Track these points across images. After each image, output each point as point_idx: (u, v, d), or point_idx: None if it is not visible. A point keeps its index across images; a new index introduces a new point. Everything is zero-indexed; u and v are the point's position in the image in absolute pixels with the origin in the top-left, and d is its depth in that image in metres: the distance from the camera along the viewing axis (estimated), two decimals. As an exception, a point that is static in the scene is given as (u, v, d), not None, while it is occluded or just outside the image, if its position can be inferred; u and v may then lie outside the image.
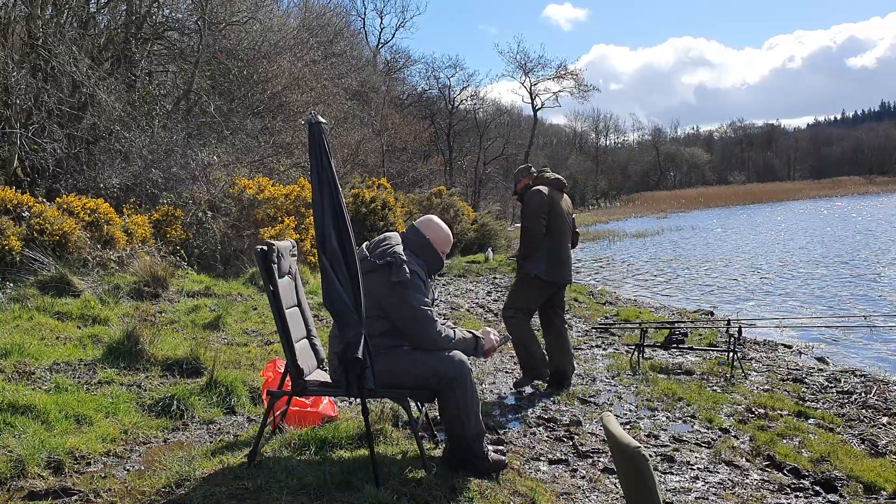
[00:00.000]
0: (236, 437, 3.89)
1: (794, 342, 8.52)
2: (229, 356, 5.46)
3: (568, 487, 3.58)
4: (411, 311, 3.30)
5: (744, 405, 5.33)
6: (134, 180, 11.48)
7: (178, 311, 7.20)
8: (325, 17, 26.82)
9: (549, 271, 5.20)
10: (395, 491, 3.07)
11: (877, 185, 67.07)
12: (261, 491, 3.05)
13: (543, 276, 5.20)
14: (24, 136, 10.71)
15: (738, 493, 3.70)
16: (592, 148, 73.08)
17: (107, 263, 8.45)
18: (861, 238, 22.64)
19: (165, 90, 15.51)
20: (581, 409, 4.95)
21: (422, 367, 3.32)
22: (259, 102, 16.97)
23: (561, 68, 47.82)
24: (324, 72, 20.32)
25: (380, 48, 42.15)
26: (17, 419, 3.64)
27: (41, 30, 11.83)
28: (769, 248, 21.04)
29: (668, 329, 7.33)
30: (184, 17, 15.94)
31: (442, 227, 3.62)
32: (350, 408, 4.47)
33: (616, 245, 25.42)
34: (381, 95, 29.74)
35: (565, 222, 5.28)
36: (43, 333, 5.73)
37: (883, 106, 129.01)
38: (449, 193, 21.78)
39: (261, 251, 3.38)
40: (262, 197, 11.30)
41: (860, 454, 4.46)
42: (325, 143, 3.11)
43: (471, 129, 42.91)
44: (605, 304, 10.97)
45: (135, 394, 4.43)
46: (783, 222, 33.09)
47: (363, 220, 14.95)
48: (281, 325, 3.35)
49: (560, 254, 5.23)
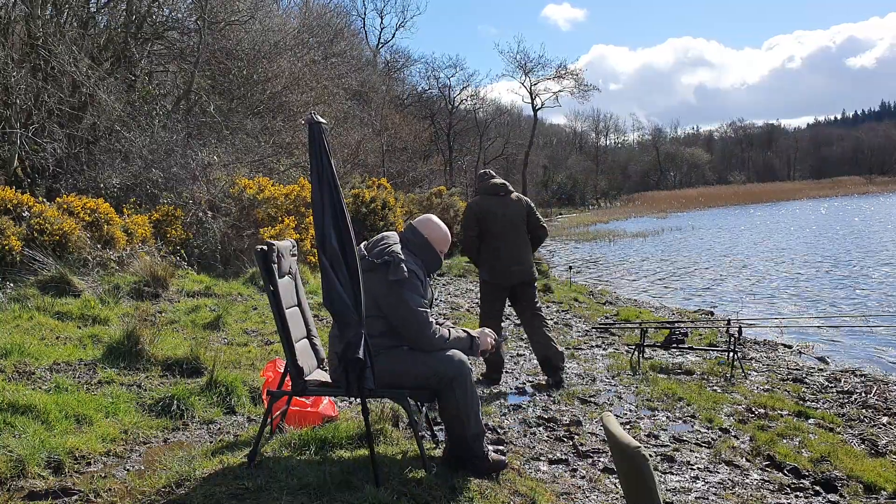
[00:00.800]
0: (236, 437, 3.89)
1: (794, 342, 8.51)
2: (229, 356, 5.46)
3: (568, 487, 3.58)
4: (407, 311, 3.30)
5: (744, 405, 5.33)
6: (134, 180, 11.48)
7: (178, 311, 7.20)
8: (325, 17, 26.82)
9: (492, 274, 5.54)
10: (395, 491, 3.07)
11: (877, 185, 67.10)
12: (261, 491, 3.05)
13: (488, 279, 5.57)
14: (24, 136, 10.71)
15: (738, 493, 3.70)
16: (592, 148, 73.11)
17: (107, 263, 8.45)
18: (861, 238, 22.63)
19: (165, 90, 15.51)
20: (581, 409, 4.95)
21: (422, 367, 3.31)
22: (259, 102, 16.97)
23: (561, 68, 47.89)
24: (324, 72, 20.33)
25: (380, 48, 42.22)
26: (17, 419, 3.64)
27: (41, 30, 11.83)
28: (769, 248, 21.03)
29: (668, 329, 7.33)
30: (184, 16, 15.93)
31: (440, 227, 3.62)
32: (350, 408, 4.47)
33: (616, 245, 25.42)
34: (381, 95, 29.73)
35: (505, 226, 5.51)
36: (43, 333, 5.73)
37: (883, 106, 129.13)
38: (449, 193, 21.78)
39: (261, 251, 3.37)
40: (262, 197, 11.30)
41: (860, 454, 4.46)
42: (325, 142, 3.11)
43: (471, 129, 42.94)
44: (605, 304, 10.97)
45: (135, 394, 4.43)
46: (783, 222, 33.10)
47: (363, 220, 14.95)
48: (281, 325, 3.35)
49: (501, 256, 5.50)
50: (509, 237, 5.53)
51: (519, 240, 5.59)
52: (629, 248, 23.96)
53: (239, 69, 16.34)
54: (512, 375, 5.81)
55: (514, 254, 5.54)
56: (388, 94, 32.42)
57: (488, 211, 5.54)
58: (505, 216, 5.54)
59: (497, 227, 5.51)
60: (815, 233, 25.98)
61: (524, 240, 5.62)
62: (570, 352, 6.89)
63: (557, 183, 57.21)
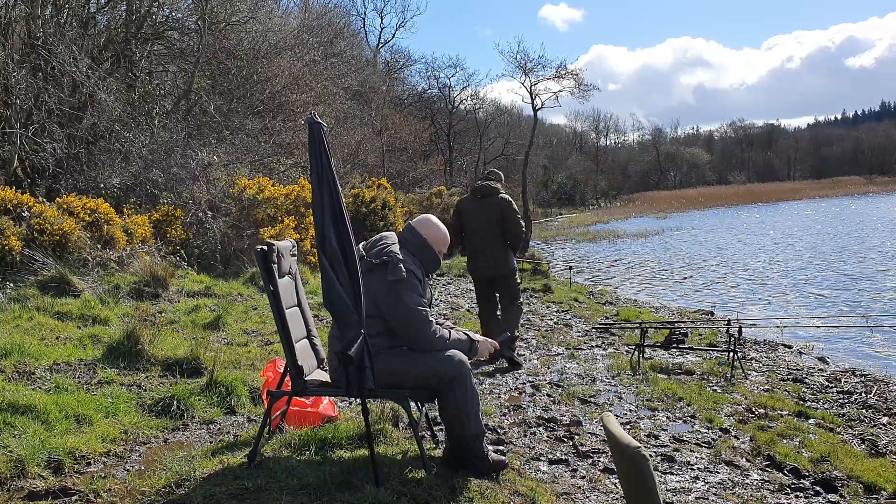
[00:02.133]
0: (236, 437, 3.88)
1: (794, 342, 8.51)
2: (229, 356, 5.46)
3: (568, 487, 3.58)
4: (406, 310, 3.29)
5: (744, 405, 5.33)
6: (134, 180, 11.48)
7: (178, 311, 7.20)
8: (325, 17, 26.80)
9: (468, 265, 6.49)
10: (395, 491, 3.07)
11: (877, 185, 67.08)
12: (261, 491, 3.05)
13: (467, 269, 6.64)
14: (24, 136, 10.70)
15: (739, 493, 3.69)
16: (592, 148, 73.07)
17: (107, 263, 8.45)
18: (860, 238, 22.63)
19: (165, 90, 15.50)
20: (581, 409, 4.95)
21: (422, 367, 3.31)
22: (259, 102, 16.96)
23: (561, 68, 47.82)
24: (324, 72, 20.30)
25: (380, 48, 42.17)
26: (17, 419, 3.64)
27: (41, 30, 11.83)
28: (769, 248, 21.04)
29: (668, 329, 7.34)
30: (184, 16, 15.92)
31: (439, 227, 3.61)
32: (350, 408, 4.47)
33: (616, 245, 25.42)
34: (381, 95, 29.71)
35: (480, 224, 6.19)
36: (43, 333, 5.73)
37: (883, 106, 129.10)
38: (449, 193, 21.80)
39: (261, 251, 3.37)
40: (262, 197, 11.30)
41: (860, 454, 4.46)
42: (325, 142, 3.11)
43: (471, 129, 42.90)
44: (605, 304, 10.97)
45: (135, 394, 4.43)
46: (783, 222, 33.09)
47: (363, 220, 14.96)
48: (281, 325, 3.35)
49: (475, 251, 6.28)
50: (484, 235, 6.16)
51: (491, 238, 6.16)
52: (629, 248, 23.96)
53: (239, 69, 16.33)
54: (512, 376, 5.81)
55: (486, 250, 6.19)
56: (388, 94, 32.40)
57: (466, 210, 6.29)
58: (480, 216, 6.17)
59: (472, 225, 6.22)
60: (815, 233, 25.98)
61: (497, 238, 6.15)
62: (570, 352, 6.89)
63: (557, 183, 57.20)
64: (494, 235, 6.13)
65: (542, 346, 7.16)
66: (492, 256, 6.16)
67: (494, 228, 6.11)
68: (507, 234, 6.12)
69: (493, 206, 6.13)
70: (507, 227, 6.11)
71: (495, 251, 6.15)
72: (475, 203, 6.23)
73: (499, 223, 6.10)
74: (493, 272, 6.20)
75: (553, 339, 7.49)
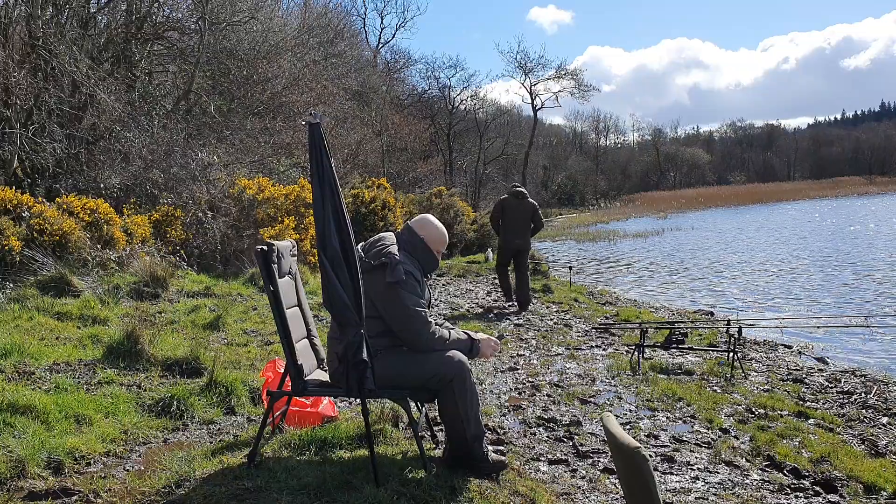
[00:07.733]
0: (236, 437, 3.88)
1: (794, 342, 8.51)
2: (229, 356, 5.46)
3: (568, 487, 3.58)
4: (405, 312, 3.28)
5: (744, 405, 5.33)
6: (134, 180, 11.48)
7: (177, 312, 7.20)
8: (325, 18, 26.80)
9: (503, 240, 9.62)
10: (395, 491, 3.07)
11: (877, 185, 67.09)
12: (261, 491, 3.05)
13: (501, 244, 9.72)
14: (24, 136, 10.71)
15: (738, 494, 3.69)
16: (592, 148, 73.06)
17: (107, 263, 8.45)
18: (860, 238, 22.63)
19: (165, 90, 15.51)
20: (581, 409, 4.95)
21: (422, 368, 3.31)
22: (259, 102, 16.97)
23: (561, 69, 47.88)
24: (324, 72, 20.32)
25: (380, 48, 42.17)
26: (17, 419, 3.64)
27: (41, 30, 11.83)
28: (769, 249, 21.03)
29: (668, 329, 7.34)
30: (184, 17, 15.93)
31: (437, 227, 3.59)
32: (350, 408, 4.47)
33: (616, 245, 25.42)
34: (381, 96, 29.72)
35: (516, 217, 9.43)
36: (43, 333, 5.73)
37: (883, 106, 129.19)
38: (449, 194, 21.77)
39: (261, 251, 3.37)
40: (262, 197, 11.31)
41: (860, 454, 4.46)
42: (325, 143, 3.11)
43: (471, 130, 42.92)
44: (605, 304, 10.96)
45: (135, 394, 4.43)
46: (783, 222, 33.09)
47: (363, 220, 14.96)
48: (281, 325, 3.35)
49: (507, 233, 9.51)
50: (518, 223, 9.46)
51: (522, 224, 9.48)
52: (629, 248, 23.96)
53: (239, 69, 16.34)
54: (512, 376, 5.81)
55: (518, 232, 9.48)
56: (388, 95, 32.41)
57: (509, 205, 9.48)
58: (518, 210, 9.44)
59: (512, 215, 9.46)
60: (814, 233, 25.98)
61: (527, 225, 9.50)
62: (570, 352, 6.89)
63: (557, 183, 57.21)
64: (525, 223, 9.44)
65: (542, 346, 7.16)
66: (522, 237, 9.47)
67: (526, 219, 9.43)
68: (534, 224, 9.48)
69: (527, 205, 9.46)
70: (535, 221, 9.49)
71: (525, 234, 9.48)
72: (515, 202, 9.43)
73: (529, 217, 9.43)
74: (521, 246, 9.46)
75: (553, 340, 7.49)
